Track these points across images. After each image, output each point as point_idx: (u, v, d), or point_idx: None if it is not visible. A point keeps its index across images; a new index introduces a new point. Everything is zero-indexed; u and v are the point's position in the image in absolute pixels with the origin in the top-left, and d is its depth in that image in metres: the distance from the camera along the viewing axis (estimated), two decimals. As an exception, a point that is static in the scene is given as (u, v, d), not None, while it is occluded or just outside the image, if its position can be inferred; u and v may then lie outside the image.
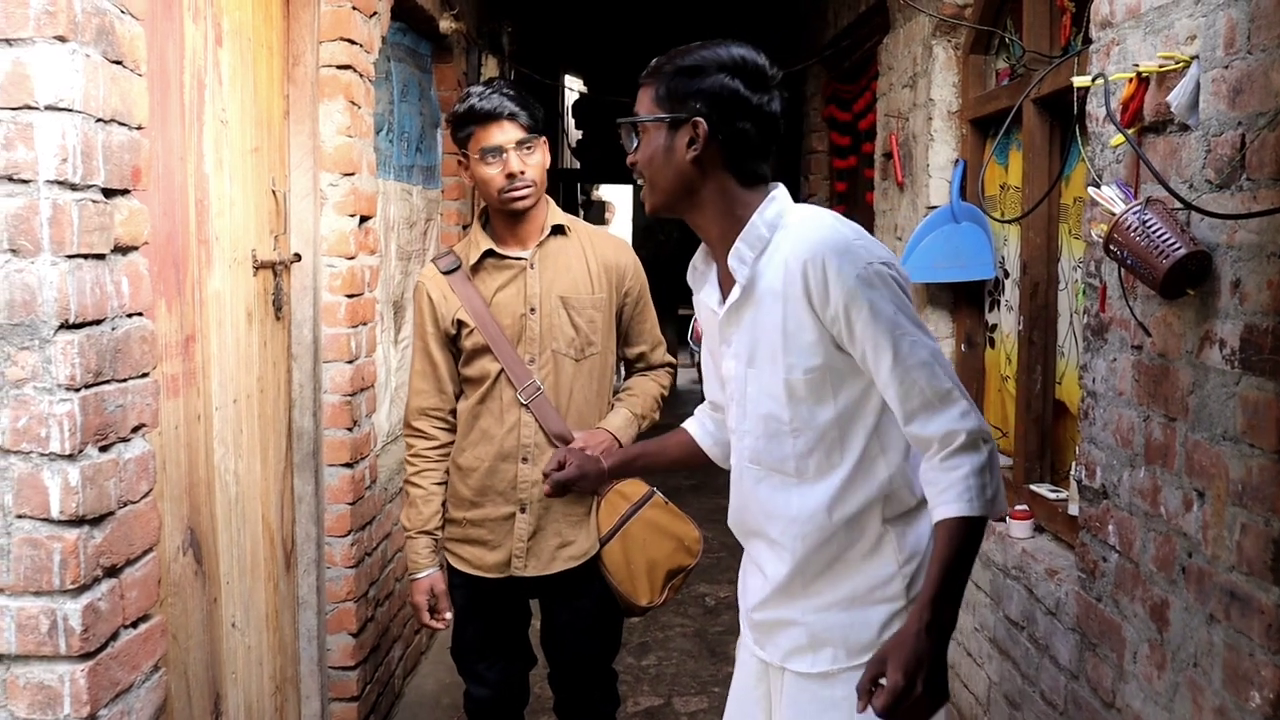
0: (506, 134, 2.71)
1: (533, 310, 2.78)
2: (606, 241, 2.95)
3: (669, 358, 3.07)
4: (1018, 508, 3.33)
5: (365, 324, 3.71)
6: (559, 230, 2.84)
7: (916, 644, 1.76)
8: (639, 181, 2.04)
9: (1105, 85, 2.41)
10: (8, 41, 1.83)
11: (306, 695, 3.44)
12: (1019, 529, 3.27)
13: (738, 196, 1.97)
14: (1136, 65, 2.34)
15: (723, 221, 1.98)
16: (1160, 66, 2.26)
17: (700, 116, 1.91)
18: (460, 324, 2.78)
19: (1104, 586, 2.56)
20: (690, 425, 2.42)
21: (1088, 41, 2.75)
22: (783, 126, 1.99)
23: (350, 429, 3.56)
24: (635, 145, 2.01)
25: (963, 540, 1.82)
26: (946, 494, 1.83)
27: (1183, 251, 2.08)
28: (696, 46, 1.97)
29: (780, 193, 1.99)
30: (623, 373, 3.07)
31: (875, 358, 1.86)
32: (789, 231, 1.93)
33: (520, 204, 2.74)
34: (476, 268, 2.80)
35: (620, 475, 2.56)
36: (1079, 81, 2.56)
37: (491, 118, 2.71)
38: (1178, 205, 2.14)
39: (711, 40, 1.98)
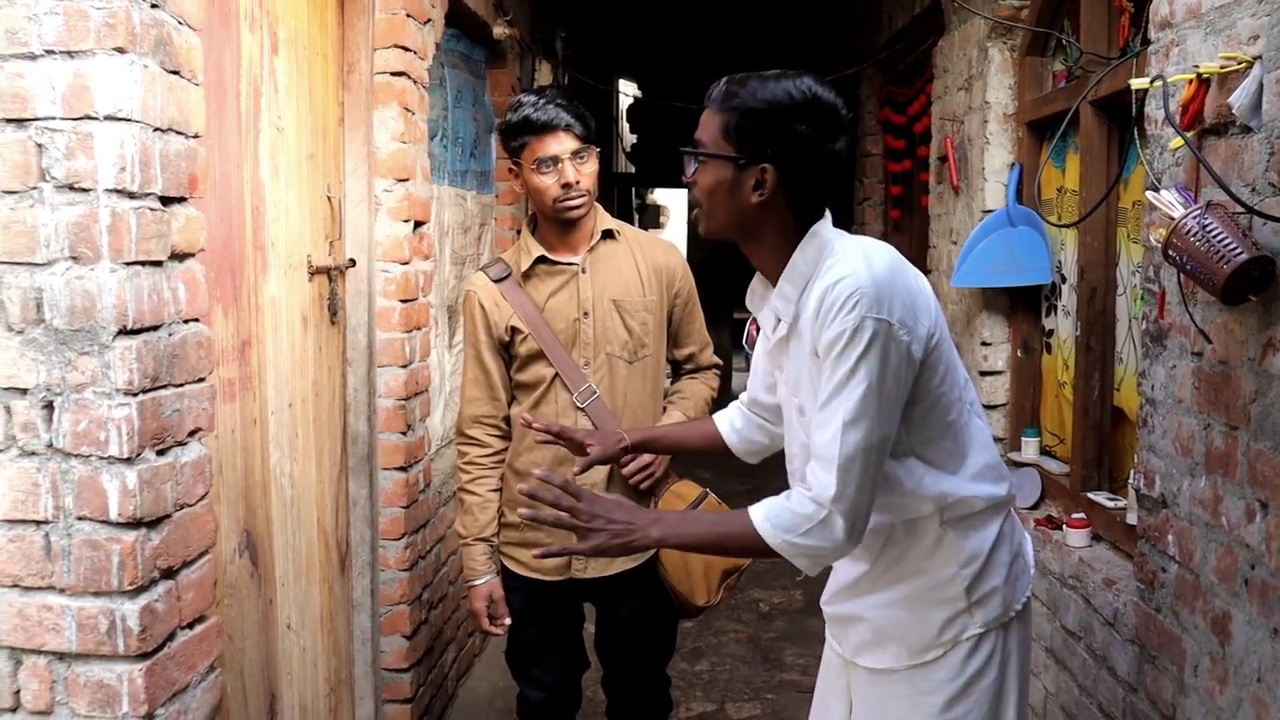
0: (562, 144, 2.73)
1: (586, 314, 2.79)
2: (655, 244, 2.96)
3: (716, 359, 3.08)
4: (1074, 516, 3.28)
5: (419, 329, 3.74)
6: (608, 235, 2.86)
7: (623, 514, 1.92)
8: (694, 205, 2.01)
9: (1164, 87, 2.37)
10: (69, 53, 1.87)
11: (360, 696, 3.48)
12: (1076, 537, 3.22)
13: (793, 236, 1.95)
14: (1197, 66, 2.30)
15: (777, 256, 1.97)
16: (1221, 67, 2.21)
17: (771, 164, 1.88)
18: (514, 330, 2.79)
19: (1163, 597, 2.51)
20: (719, 419, 2.45)
21: (1146, 42, 2.71)
22: (846, 165, 1.97)
23: (404, 433, 3.58)
24: (694, 169, 1.97)
25: (734, 532, 1.91)
26: (773, 507, 1.89)
27: (1244, 256, 2.03)
28: (772, 79, 1.89)
29: (821, 228, 1.95)
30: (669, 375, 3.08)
31: (820, 389, 1.85)
32: (826, 267, 1.90)
33: (575, 213, 2.76)
34: (528, 274, 2.82)
35: (641, 449, 2.54)
36: (1137, 84, 2.52)
37: (548, 128, 2.72)
38: (1239, 209, 2.10)
39: (786, 73, 1.90)
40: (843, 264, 1.87)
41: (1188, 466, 2.40)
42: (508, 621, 2.89)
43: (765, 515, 1.88)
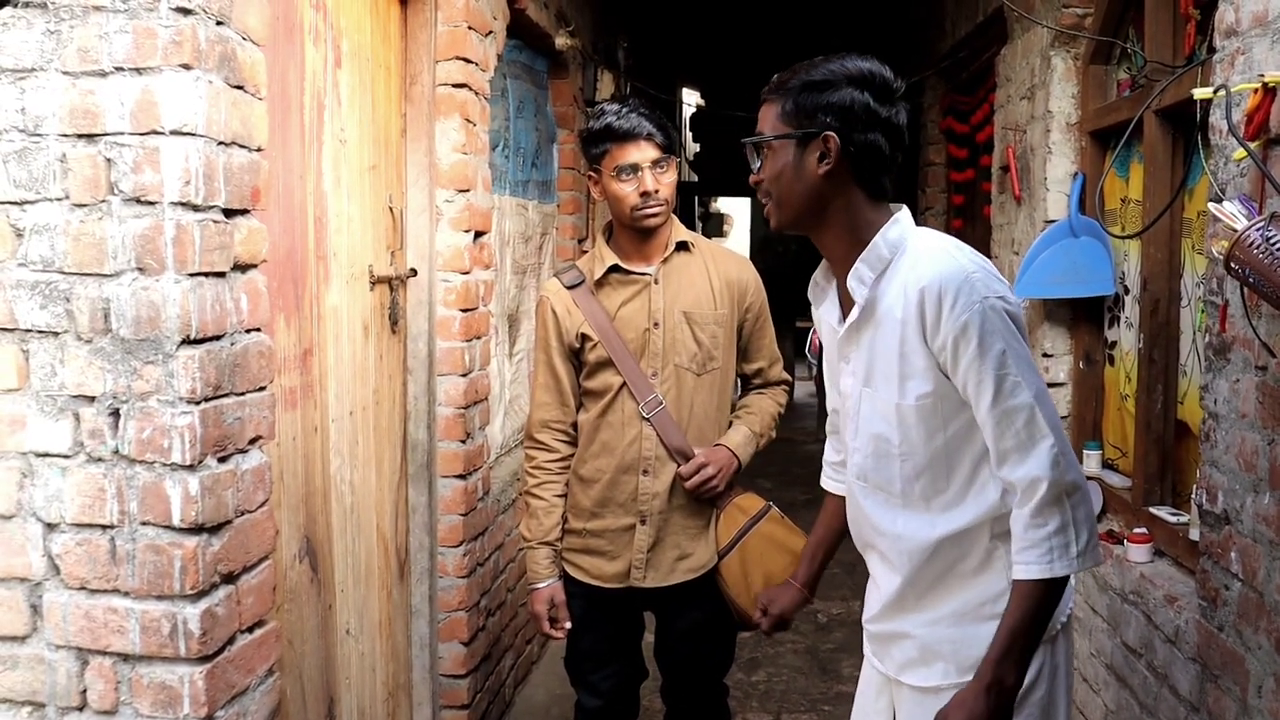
0: (643, 153, 2.75)
1: (656, 325, 2.80)
2: (728, 258, 2.97)
3: (785, 375, 3.07)
4: (1136, 531, 3.23)
5: (479, 338, 3.77)
6: (683, 247, 2.87)
7: (974, 704, 1.81)
8: (764, 200, 2.02)
9: (1227, 96, 2.33)
10: (138, 70, 1.92)
11: (418, 702, 3.51)
12: (1137, 553, 3.17)
13: (864, 213, 1.96)
14: (1262, 75, 2.26)
15: (847, 239, 1.97)
16: (1287, 77, 2.18)
17: (831, 131, 1.90)
18: (584, 338, 2.81)
19: (1226, 616, 2.47)
20: (830, 486, 2.43)
21: (1213, 50, 2.67)
22: (906, 138, 1.97)
23: (464, 441, 3.62)
24: (759, 164, 2.00)
25: (1038, 601, 1.83)
26: (1028, 553, 1.83)
27: (1308, 270, 2.00)
28: (821, 61, 1.95)
29: (904, 215, 1.98)
30: (738, 388, 3.08)
31: (976, 394, 1.85)
32: (910, 256, 1.92)
33: (652, 221, 2.77)
34: (601, 283, 2.84)
35: (816, 582, 2.55)
36: (1199, 93, 2.49)
37: (629, 136, 2.75)
38: (1304, 221, 2.06)
39: (835, 54, 1.96)
40: (932, 259, 1.89)
41: (1251, 482, 2.36)
42: (568, 625, 2.91)
43: (1034, 563, 1.83)
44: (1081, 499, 1.83)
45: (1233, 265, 2.17)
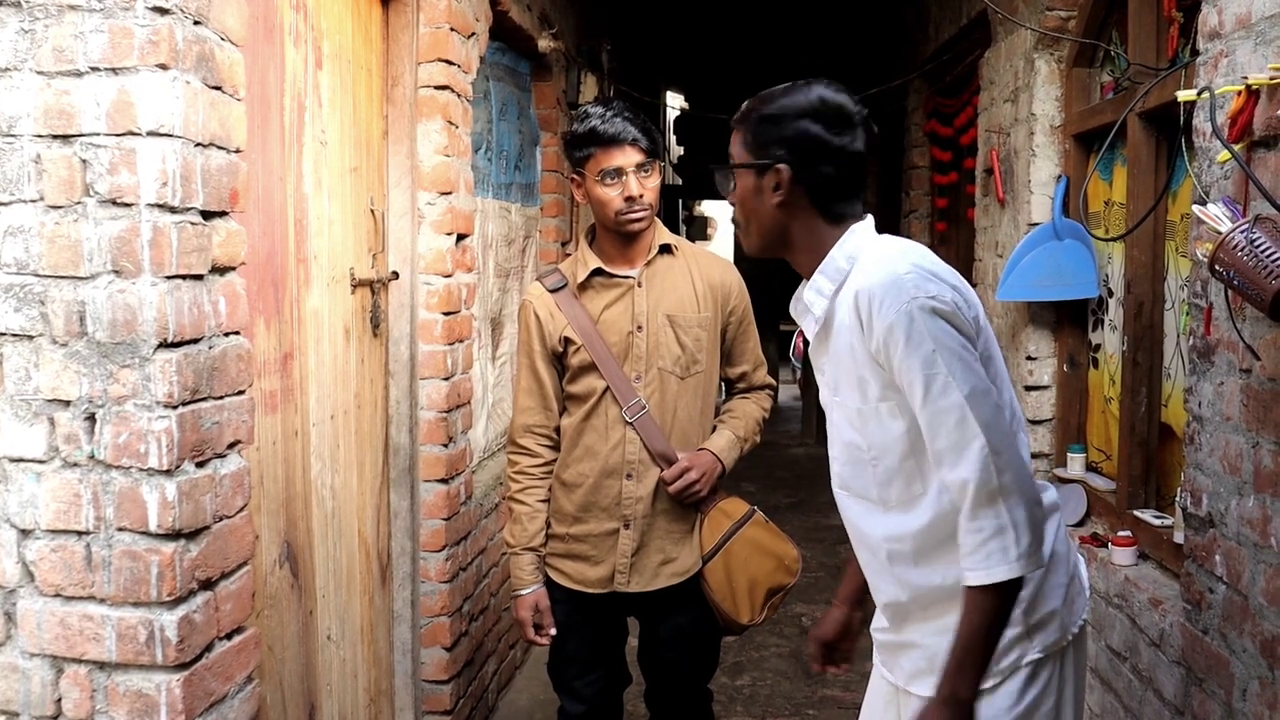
0: (628, 157, 2.74)
1: (640, 328, 2.79)
2: (712, 261, 2.96)
3: (770, 379, 3.06)
4: (1120, 534, 3.23)
5: (462, 341, 3.75)
6: (666, 250, 2.86)
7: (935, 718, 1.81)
8: (735, 224, 2.11)
9: (1211, 99, 2.33)
10: (114, 70, 1.90)
11: (400, 708, 3.49)
12: (1122, 556, 3.17)
13: (826, 235, 2.00)
14: (1245, 77, 2.26)
15: (814, 259, 2.01)
16: (1271, 79, 2.17)
17: (782, 163, 1.97)
18: (567, 341, 2.80)
19: (1211, 619, 2.47)
20: None
21: (1196, 53, 2.67)
22: (867, 162, 2.01)
23: (446, 445, 3.60)
24: (731, 188, 2.08)
25: (986, 608, 1.79)
26: (969, 559, 1.80)
27: (1293, 272, 2.00)
28: (780, 92, 2.01)
29: (862, 226, 2.00)
30: (722, 392, 3.07)
31: (910, 394, 1.84)
32: (860, 265, 1.94)
33: (636, 226, 2.76)
34: (584, 286, 2.82)
35: (858, 607, 2.40)
36: (1184, 95, 2.48)
37: (614, 141, 2.73)
38: (1288, 224, 2.06)
39: (796, 83, 2.02)
40: (878, 263, 1.90)
41: (1236, 485, 2.36)
42: (553, 631, 2.89)
43: (973, 569, 1.79)
44: (1020, 501, 1.77)
45: (1217, 268, 2.17)
